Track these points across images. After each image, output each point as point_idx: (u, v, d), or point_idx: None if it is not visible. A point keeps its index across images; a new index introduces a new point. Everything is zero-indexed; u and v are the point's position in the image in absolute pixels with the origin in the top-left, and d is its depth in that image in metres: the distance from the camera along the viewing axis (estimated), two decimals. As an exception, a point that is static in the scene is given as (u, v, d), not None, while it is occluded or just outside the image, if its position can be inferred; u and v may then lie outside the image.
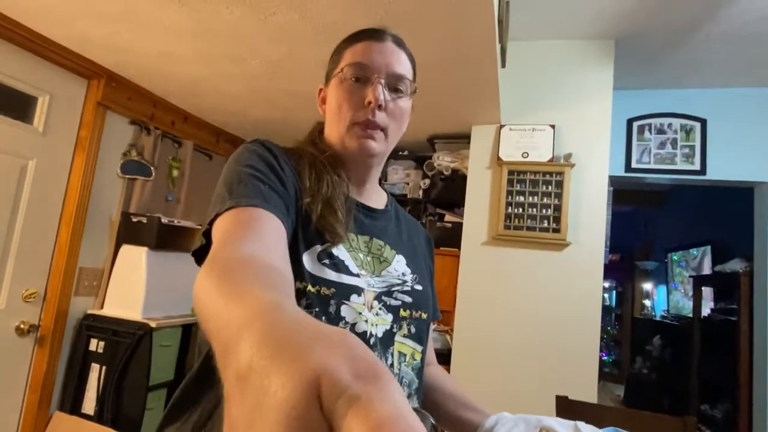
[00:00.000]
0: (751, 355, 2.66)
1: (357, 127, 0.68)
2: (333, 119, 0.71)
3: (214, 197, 0.58)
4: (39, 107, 1.91)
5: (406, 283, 0.70)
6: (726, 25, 2.03)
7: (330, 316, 0.59)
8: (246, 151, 0.62)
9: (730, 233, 3.54)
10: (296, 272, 0.56)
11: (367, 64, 0.68)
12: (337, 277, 0.61)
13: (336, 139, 0.71)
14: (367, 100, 0.67)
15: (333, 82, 0.72)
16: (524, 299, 2.13)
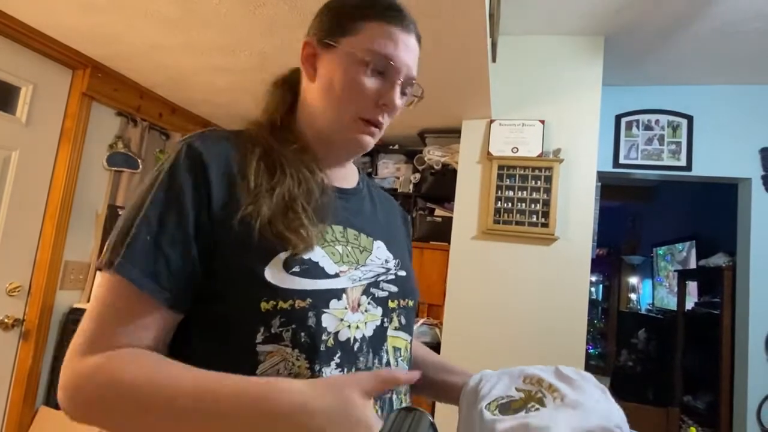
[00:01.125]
0: (732, 347, 2.72)
1: (362, 123, 0.62)
2: (329, 99, 0.62)
3: (115, 229, 0.53)
4: (22, 97, 1.87)
5: (389, 271, 0.65)
6: (713, 22, 2.05)
7: (310, 329, 0.53)
8: (162, 175, 0.54)
9: (714, 228, 3.60)
10: (259, 292, 0.52)
11: (393, 61, 0.61)
12: (311, 284, 0.54)
13: (328, 124, 0.63)
14: (382, 101, 0.61)
15: (342, 56, 0.61)
16: (513, 293, 2.15)
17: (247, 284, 0.52)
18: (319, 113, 0.64)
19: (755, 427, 2.41)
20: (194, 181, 0.53)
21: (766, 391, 2.42)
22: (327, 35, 0.63)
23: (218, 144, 0.57)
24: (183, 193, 0.53)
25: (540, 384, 0.60)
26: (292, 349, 0.52)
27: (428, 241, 2.53)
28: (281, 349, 0.51)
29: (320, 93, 0.63)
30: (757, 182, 2.54)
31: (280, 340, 0.51)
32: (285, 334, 0.51)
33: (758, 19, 2.00)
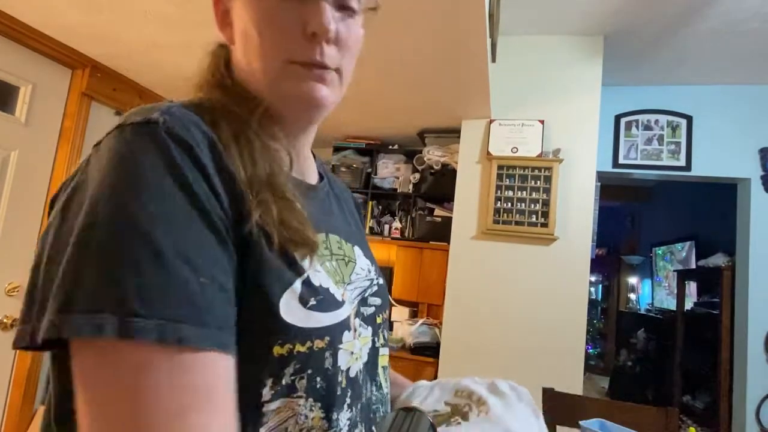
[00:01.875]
0: (731, 347, 2.73)
1: (298, 68, 0.45)
2: (251, 51, 0.46)
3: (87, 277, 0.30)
4: (21, 97, 1.87)
5: (373, 282, 0.55)
6: (712, 22, 2.05)
7: (327, 373, 0.42)
8: (144, 173, 0.33)
9: (713, 228, 3.61)
10: (273, 334, 0.38)
11: None
12: (328, 318, 0.43)
13: (261, 84, 0.47)
14: (309, 29, 0.44)
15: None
16: (512, 293, 2.15)
17: (261, 323, 0.38)
18: (251, 75, 0.47)
19: (754, 427, 2.42)
20: (204, 184, 0.36)
21: (765, 391, 2.43)
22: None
23: (195, 125, 0.38)
24: (202, 201, 0.35)
25: (470, 397, 0.57)
26: (305, 400, 0.40)
27: (428, 241, 2.53)
28: (291, 402, 0.39)
29: (240, 50, 0.48)
30: (756, 182, 2.55)
31: (292, 391, 0.39)
32: (299, 383, 0.40)
33: (757, 19, 2.00)
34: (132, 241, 0.31)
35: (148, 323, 0.30)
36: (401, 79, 1.91)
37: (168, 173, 0.34)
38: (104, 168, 0.34)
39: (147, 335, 0.29)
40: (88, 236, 0.32)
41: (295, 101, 0.47)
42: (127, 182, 0.33)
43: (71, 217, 0.34)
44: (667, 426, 1.40)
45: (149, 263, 0.31)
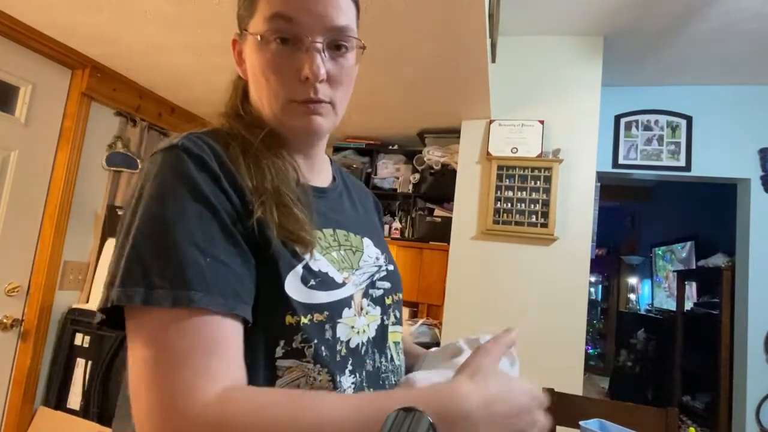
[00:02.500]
0: (731, 348, 2.73)
1: (296, 105, 0.55)
2: (260, 90, 0.57)
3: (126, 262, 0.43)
4: (21, 97, 1.87)
5: (381, 268, 0.64)
6: (712, 22, 2.06)
7: (328, 342, 0.51)
8: (173, 185, 0.46)
9: (713, 229, 3.61)
10: (281, 306, 0.49)
11: (295, 18, 0.52)
12: (327, 297, 0.52)
13: (269, 116, 0.57)
14: (303, 74, 0.53)
15: (250, 40, 0.56)
16: (512, 293, 2.15)
17: (272, 297, 0.49)
18: (262, 108, 0.58)
19: (754, 427, 2.42)
20: (219, 188, 0.48)
21: (764, 391, 2.43)
22: (240, 24, 0.59)
23: (207, 148, 0.50)
24: (213, 201, 0.47)
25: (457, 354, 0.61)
26: (314, 365, 0.50)
27: (428, 241, 2.53)
28: (302, 365, 0.50)
29: (252, 87, 0.59)
30: (756, 182, 2.55)
31: (301, 356, 0.49)
32: (307, 350, 0.50)
33: (756, 20, 2.00)
34: (157, 235, 0.44)
35: (165, 293, 0.42)
36: (401, 80, 1.91)
37: (183, 182, 0.46)
38: (142, 182, 0.48)
39: (163, 302, 0.41)
40: (128, 231, 0.45)
41: (297, 131, 0.58)
42: (154, 193, 0.46)
43: (124, 217, 0.48)
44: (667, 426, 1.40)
45: (168, 250, 0.43)
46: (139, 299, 0.41)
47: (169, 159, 0.47)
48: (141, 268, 0.42)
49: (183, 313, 0.42)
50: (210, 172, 0.48)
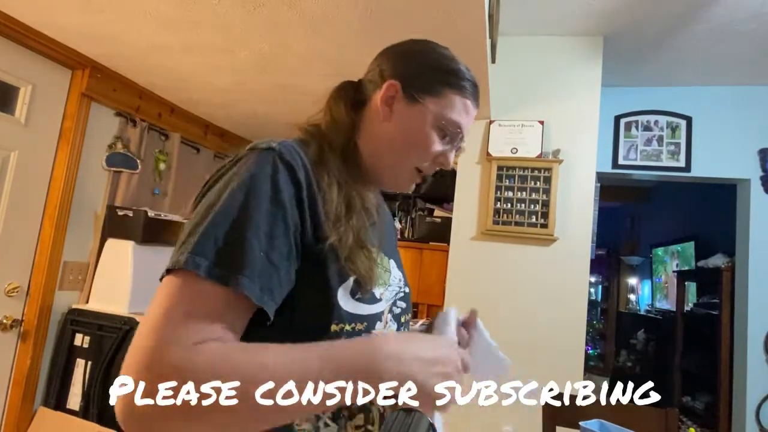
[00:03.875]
0: (731, 348, 2.73)
1: (416, 173, 0.69)
2: (398, 149, 0.67)
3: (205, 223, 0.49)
4: (21, 98, 1.87)
5: (401, 289, 0.71)
6: (712, 23, 2.06)
7: None
8: (260, 182, 0.52)
9: (713, 229, 3.61)
10: (330, 314, 0.55)
11: (461, 132, 0.67)
12: (368, 309, 0.60)
13: (388, 164, 0.68)
14: (440, 160, 0.68)
15: (422, 113, 0.65)
16: (512, 294, 2.15)
17: (321, 306, 0.55)
18: (382, 151, 0.68)
19: (754, 428, 2.42)
20: (295, 195, 0.54)
21: (764, 392, 2.43)
22: (413, 88, 0.66)
23: (300, 161, 0.56)
24: (286, 206, 0.52)
25: None
26: None
27: (427, 241, 2.53)
28: None
29: (390, 136, 0.67)
30: (755, 183, 2.55)
31: None
32: None
33: (756, 20, 2.00)
34: (233, 222, 0.49)
35: (222, 272, 0.47)
36: (401, 80, 1.91)
37: (268, 183, 0.52)
38: (233, 171, 0.53)
39: (218, 279, 0.47)
40: (206, 210, 0.51)
41: (399, 186, 0.71)
42: (242, 184, 0.51)
43: (204, 200, 0.53)
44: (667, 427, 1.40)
45: (237, 237, 0.49)
46: (203, 271, 0.47)
47: (264, 159, 0.53)
48: (212, 244, 0.48)
49: (223, 289, 0.47)
50: (294, 182, 0.54)
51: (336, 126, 0.67)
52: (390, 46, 0.72)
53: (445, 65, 0.68)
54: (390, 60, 0.69)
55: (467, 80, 0.68)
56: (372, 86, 0.69)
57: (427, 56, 0.69)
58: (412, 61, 0.68)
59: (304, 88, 2.10)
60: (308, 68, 1.88)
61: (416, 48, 0.70)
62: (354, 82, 0.73)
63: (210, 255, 0.47)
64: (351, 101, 0.70)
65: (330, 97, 0.71)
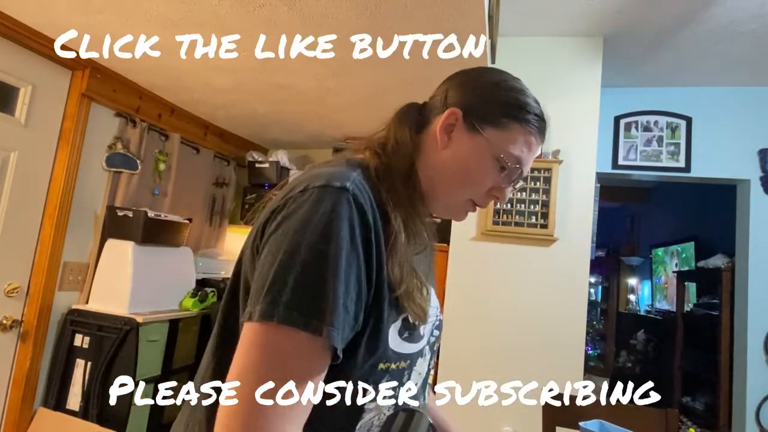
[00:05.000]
0: (731, 348, 2.73)
1: (470, 204, 0.67)
2: (455, 178, 0.65)
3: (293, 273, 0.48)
4: (21, 98, 1.87)
5: (437, 317, 0.70)
6: (712, 23, 2.06)
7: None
8: (339, 228, 0.51)
9: (713, 230, 3.61)
10: (380, 354, 0.55)
11: (521, 168, 0.65)
12: (412, 348, 0.59)
13: (442, 193, 0.66)
14: (495, 193, 0.66)
15: (482, 145, 0.63)
16: (512, 294, 2.15)
17: (373, 345, 0.54)
18: (437, 180, 0.65)
19: (754, 428, 2.42)
20: (366, 237, 0.53)
21: (764, 392, 2.43)
22: (474, 117, 0.63)
23: (369, 200, 0.55)
24: (360, 251, 0.52)
25: None
26: (388, 405, 0.57)
27: (427, 242, 2.53)
28: (379, 406, 0.56)
29: (447, 165, 0.65)
30: (755, 183, 2.55)
31: (382, 398, 0.56)
32: (388, 392, 0.57)
33: (755, 21, 2.00)
34: (311, 266, 0.48)
35: (304, 319, 0.47)
36: (400, 80, 1.91)
37: (346, 228, 0.51)
38: (309, 210, 0.51)
39: (296, 324, 0.47)
40: (286, 258, 0.49)
41: (450, 215, 0.70)
42: (322, 229, 0.50)
43: (278, 241, 0.51)
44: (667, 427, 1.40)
45: (317, 283, 0.48)
46: (298, 324, 0.47)
47: (339, 200, 0.52)
48: (302, 297, 0.48)
49: (314, 340, 0.48)
50: (366, 225, 0.53)
51: (399, 150, 0.65)
52: (461, 71, 0.70)
53: (512, 97, 0.65)
54: (456, 86, 0.67)
55: (534, 114, 0.65)
56: (435, 111, 0.67)
57: (493, 86, 0.66)
58: (477, 90, 0.65)
59: (303, 88, 2.10)
60: (308, 68, 1.88)
61: (484, 76, 0.67)
62: (419, 105, 0.71)
63: (303, 308, 0.47)
64: (415, 124, 0.68)
65: (395, 117, 0.70)
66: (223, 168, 3.05)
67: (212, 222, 2.98)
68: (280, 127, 2.80)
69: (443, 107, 0.65)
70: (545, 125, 0.67)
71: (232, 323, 0.58)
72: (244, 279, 0.56)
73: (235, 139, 3.06)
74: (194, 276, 2.48)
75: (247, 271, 0.55)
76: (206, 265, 2.77)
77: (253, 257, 0.55)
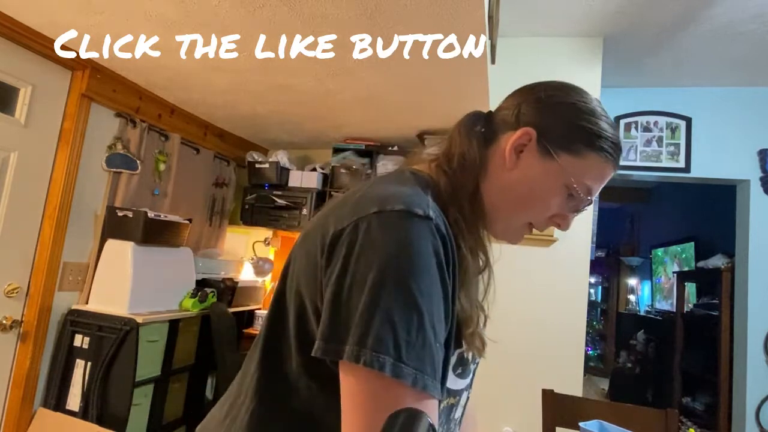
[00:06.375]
0: (731, 349, 2.73)
1: (528, 228, 0.65)
2: (519, 202, 0.61)
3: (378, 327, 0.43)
4: (21, 98, 1.87)
5: None
6: (711, 24, 2.06)
7: (450, 422, 0.57)
8: (428, 264, 0.47)
9: (713, 230, 3.61)
10: (443, 392, 0.51)
11: (591, 199, 0.61)
12: (462, 383, 0.58)
13: (504, 215, 0.62)
14: (557, 221, 0.63)
15: (554, 171, 0.58)
16: (512, 294, 2.15)
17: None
18: (501, 202, 0.62)
19: (754, 428, 2.42)
20: (448, 274, 0.49)
21: (764, 392, 2.43)
22: (549, 141, 0.59)
23: (445, 229, 0.51)
24: (447, 285, 0.49)
25: None
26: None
27: (427, 242, 2.53)
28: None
29: (513, 187, 0.61)
30: (755, 184, 2.55)
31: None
32: (439, 429, 0.54)
33: (755, 21, 2.00)
34: (408, 306, 0.44)
35: (409, 370, 0.43)
36: (401, 81, 1.91)
37: (435, 262, 0.47)
38: (393, 239, 0.46)
39: (406, 379, 0.42)
40: (378, 292, 0.44)
41: (505, 238, 0.67)
42: (411, 259, 0.45)
43: (361, 270, 0.46)
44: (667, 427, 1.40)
45: (416, 326, 0.44)
46: (389, 371, 0.42)
47: (424, 231, 0.48)
48: (393, 339, 0.43)
49: (415, 393, 0.43)
50: (448, 258, 0.49)
51: (467, 166, 0.60)
52: (536, 84, 0.65)
53: (592, 122, 0.59)
54: (531, 103, 0.62)
55: (611, 143, 0.60)
56: (504, 126, 0.62)
57: (573, 108, 0.60)
58: (555, 111, 0.60)
59: (303, 88, 2.10)
60: (308, 68, 1.88)
61: (563, 97, 0.61)
62: (484, 115, 0.66)
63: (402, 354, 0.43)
64: (481, 137, 0.63)
65: (460, 128, 0.64)
66: (223, 168, 3.05)
67: (212, 222, 2.98)
68: (280, 127, 2.80)
69: (516, 124, 0.61)
70: (620, 154, 0.62)
71: (278, 337, 0.55)
72: (304, 297, 0.52)
73: (235, 139, 3.06)
74: (194, 276, 2.48)
75: (307, 287, 0.51)
76: (206, 266, 2.77)
77: (315, 274, 0.50)
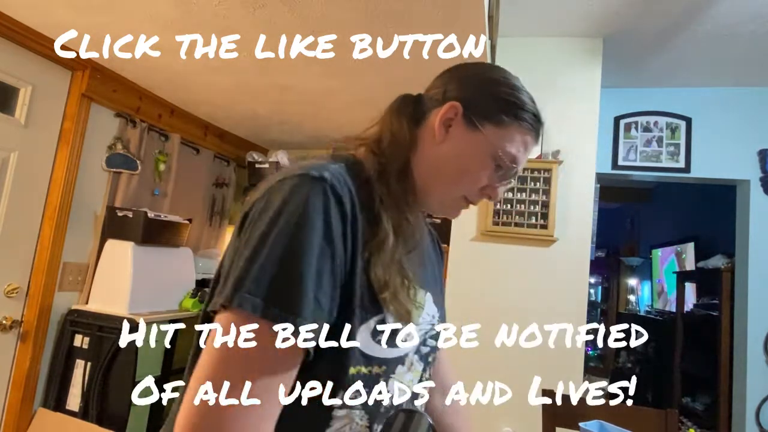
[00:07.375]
0: (731, 349, 2.72)
1: (464, 202, 0.65)
2: (449, 175, 0.63)
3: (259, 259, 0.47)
4: (21, 98, 1.87)
5: (434, 327, 0.66)
6: (711, 24, 2.06)
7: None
8: (313, 218, 0.49)
9: (713, 230, 3.61)
10: (350, 357, 0.52)
11: (516, 167, 0.64)
12: (389, 353, 0.56)
13: (436, 190, 0.64)
14: (488, 192, 0.64)
15: (479, 142, 0.62)
16: (512, 294, 2.15)
17: (342, 347, 0.51)
18: (432, 175, 0.64)
19: (754, 429, 2.41)
20: (342, 230, 0.51)
21: (764, 393, 2.42)
22: (474, 113, 0.62)
23: (348, 192, 0.53)
24: (335, 243, 0.50)
25: None
26: (360, 411, 0.53)
27: (427, 242, 2.53)
28: (351, 413, 0.53)
29: (443, 160, 0.63)
30: (755, 184, 2.55)
31: (354, 404, 0.53)
32: (360, 399, 0.53)
33: (755, 21, 2.00)
34: (288, 260, 0.47)
35: (277, 312, 0.45)
36: (400, 81, 1.91)
37: (321, 217, 0.49)
38: (284, 198, 0.49)
39: (272, 320, 0.45)
40: (261, 245, 0.47)
41: (443, 213, 0.68)
42: (295, 219, 0.48)
43: (256, 226, 0.49)
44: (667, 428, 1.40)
45: (293, 277, 0.46)
46: (259, 312, 0.45)
47: (316, 190, 0.50)
48: (267, 284, 0.46)
49: (276, 332, 0.45)
50: (343, 214, 0.51)
51: (397, 144, 0.63)
52: (459, 65, 0.69)
53: (512, 95, 0.65)
54: (456, 81, 0.66)
55: (532, 113, 0.65)
56: (432, 104, 0.65)
57: (494, 82, 0.65)
58: (478, 86, 0.65)
59: (303, 88, 2.10)
60: (308, 69, 1.88)
61: (485, 72, 0.67)
62: (414, 96, 0.70)
63: (269, 297, 0.46)
64: (411, 117, 0.66)
65: (390, 110, 0.67)
66: (223, 168, 3.06)
67: (212, 222, 2.98)
68: (280, 127, 2.80)
69: (443, 100, 0.64)
70: (541, 126, 0.67)
71: None
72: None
73: (235, 139, 3.06)
74: (194, 276, 2.48)
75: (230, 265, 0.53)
76: (206, 266, 2.77)
77: (235, 250, 0.52)
